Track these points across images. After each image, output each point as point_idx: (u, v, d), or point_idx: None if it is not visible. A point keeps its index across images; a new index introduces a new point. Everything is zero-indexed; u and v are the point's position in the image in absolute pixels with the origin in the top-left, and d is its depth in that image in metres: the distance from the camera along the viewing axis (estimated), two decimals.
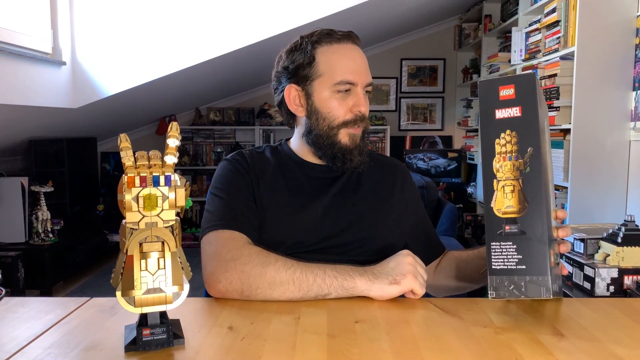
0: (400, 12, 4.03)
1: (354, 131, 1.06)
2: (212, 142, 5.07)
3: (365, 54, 1.12)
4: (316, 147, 1.08)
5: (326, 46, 1.06)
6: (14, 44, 2.63)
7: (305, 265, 0.89)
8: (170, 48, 3.14)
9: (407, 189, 1.17)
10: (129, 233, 0.64)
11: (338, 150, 1.06)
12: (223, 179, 1.07)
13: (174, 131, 0.67)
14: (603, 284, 1.41)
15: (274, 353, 0.67)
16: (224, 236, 0.96)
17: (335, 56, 1.05)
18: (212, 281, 0.90)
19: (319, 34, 1.07)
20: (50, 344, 0.70)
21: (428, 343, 0.71)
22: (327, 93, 1.05)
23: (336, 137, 1.06)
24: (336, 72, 1.04)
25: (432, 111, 5.30)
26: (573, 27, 2.62)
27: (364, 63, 1.08)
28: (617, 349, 0.69)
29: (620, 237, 1.43)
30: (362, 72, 1.06)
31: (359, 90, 1.05)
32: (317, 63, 1.05)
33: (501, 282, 0.77)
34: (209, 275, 0.91)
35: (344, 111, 1.05)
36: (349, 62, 1.05)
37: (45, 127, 3.48)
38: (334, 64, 1.04)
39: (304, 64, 1.06)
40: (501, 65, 3.95)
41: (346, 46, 1.07)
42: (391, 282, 0.87)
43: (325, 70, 1.05)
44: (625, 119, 2.57)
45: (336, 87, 1.04)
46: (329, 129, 1.06)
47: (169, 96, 4.18)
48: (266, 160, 1.11)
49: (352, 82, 1.04)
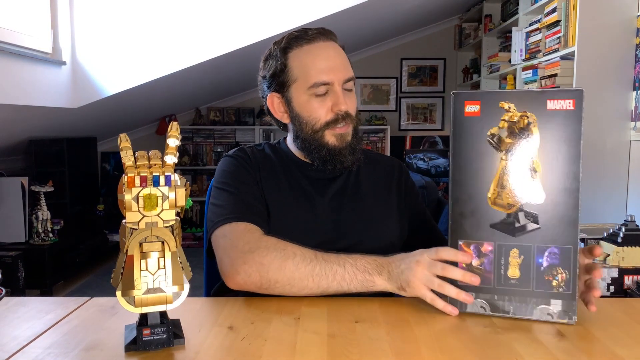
0: (400, 12, 4.03)
1: (340, 130, 1.04)
2: (212, 142, 5.07)
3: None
4: (306, 151, 1.07)
5: (297, 49, 1.04)
6: (14, 44, 2.63)
7: (325, 260, 0.88)
8: (170, 48, 3.13)
9: (405, 186, 1.17)
10: (129, 233, 0.64)
11: (326, 152, 1.04)
12: (229, 173, 1.06)
13: (174, 131, 0.67)
14: (603, 284, 1.41)
15: (274, 353, 0.67)
16: (239, 228, 0.95)
17: (307, 58, 1.03)
18: (231, 273, 0.89)
19: (287, 39, 1.05)
20: (51, 344, 0.70)
21: (428, 343, 0.71)
22: (304, 97, 1.03)
23: (322, 140, 1.04)
24: (309, 75, 1.02)
25: (432, 111, 5.30)
26: (573, 27, 2.62)
27: (339, 59, 1.05)
28: (617, 348, 0.69)
29: (621, 237, 1.43)
30: (337, 69, 1.03)
31: (337, 89, 1.03)
32: (290, 68, 1.03)
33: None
34: (227, 267, 0.90)
35: (325, 112, 1.03)
36: (321, 62, 1.02)
37: (46, 126, 3.48)
38: (307, 67, 1.02)
39: (277, 71, 1.05)
40: (501, 65, 3.95)
41: (318, 45, 1.04)
42: (399, 287, 0.85)
43: (298, 74, 1.03)
44: (625, 118, 2.57)
45: (312, 90, 1.02)
46: (313, 132, 1.04)
47: (169, 96, 4.18)
48: (267, 157, 1.11)
49: (327, 82, 1.02)
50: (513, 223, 0.77)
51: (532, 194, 0.76)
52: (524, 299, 0.78)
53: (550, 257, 0.76)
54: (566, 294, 0.76)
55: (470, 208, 0.79)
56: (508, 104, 0.76)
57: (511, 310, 0.78)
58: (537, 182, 0.76)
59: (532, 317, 0.78)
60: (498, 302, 0.79)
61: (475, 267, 0.80)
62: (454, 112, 0.80)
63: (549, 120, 0.75)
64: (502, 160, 0.77)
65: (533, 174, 0.76)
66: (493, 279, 0.79)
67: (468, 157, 0.79)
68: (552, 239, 0.76)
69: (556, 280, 0.76)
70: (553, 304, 0.76)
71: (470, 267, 0.80)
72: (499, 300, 0.79)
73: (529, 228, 0.77)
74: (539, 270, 0.77)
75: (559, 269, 0.76)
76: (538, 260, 0.77)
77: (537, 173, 0.76)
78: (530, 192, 0.77)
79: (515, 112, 0.76)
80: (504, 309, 0.79)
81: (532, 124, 0.76)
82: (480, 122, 0.78)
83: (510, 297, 0.78)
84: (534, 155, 0.76)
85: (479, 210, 0.79)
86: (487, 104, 0.78)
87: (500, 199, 0.78)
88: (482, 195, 0.78)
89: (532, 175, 0.76)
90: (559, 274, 0.76)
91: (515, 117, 0.76)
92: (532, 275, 0.77)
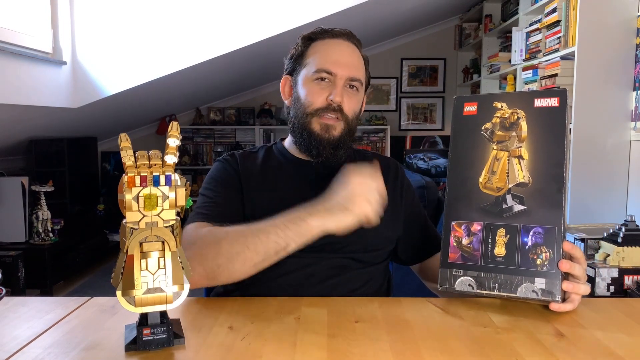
0: (400, 12, 4.03)
1: (326, 121, 1.06)
2: (212, 141, 5.07)
3: (365, 53, 1.12)
4: (294, 135, 1.10)
5: (319, 41, 1.09)
6: (15, 44, 2.63)
7: (256, 228, 0.87)
8: (170, 48, 3.14)
9: (400, 184, 1.17)
10: (129, 233, 0.64)
11: (308, 137, 1.06)
12: (210, 178, 1.10)
13: (174, 131, 0.67)
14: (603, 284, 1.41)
15: (274, 353, 0.67)
16: (189, 229, 0.97)
17: (322, 48, 1.08)
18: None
19: (314, 32, 1.11)
20: (51, 344, 0.70)
21: (428, 343, 0.71)
22: (308, 81, 1.07)
23: (309, 125, 1.06)
24: (318, 61, 1.06)
25: (432, 111, 5.30)
26: (573, 27, 2.62)
27: (351, 58, 1.08)
28: (617, 349, 0.69)
29: (621, 237, 1.43)
30: (345, 65, 1.06)
31: (339, 82, 1.05)
32: (306, 54, 1.09)
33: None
34: None
35: (321, 99, 1.05)
36: (333, 54, 1.07)
37: (46, 126, 3.48)
38: (319, 54, 1.07)
39: (295, 56, 1.11)
40: (501, 65, 3.95)
41: (338, 41, 1.09)
42: (343, 211, 0.83)
43: (310, 60, 1.08)
44: (625, 119, 2.57)
45: (315, 75, 1.06)
46: (304, 115, 1.07)
47: (169, 96, 4.18)
48: (257, 159, 1.13)
49: (331, 71, 1.05)
50: (501, 204, 0.84)
51: (518, 177, 0.85)
52: (509, 277, 0.81)
53: (535, 237, 0.81)
54: (550, 272, 0.79)
55: (464, 192, 0.88)
56: (501, 104, 0.87)
57: (496, 287, 0.82)
58: (523, 168, 0.84)
59: (516, 294, 0.80)
60: (484, 280, 0.83)
61: (464, 245, 0.85)
62: (455, 113, 0.91)
63: (536, 116, 0.84)
64: (494, 150, 0.86)
65: (520, 160, 0.85)
66: (480, 257, 0.84)
67: (464, 148, 0.89)
68: (537, 220, 0.81)
69: (540, 259, 0.80)
70: (537, 282, 0.80)
71: (460, 245, 0.85)
72: (485, 277, 0.83)
73: (515, 209, 0.83)
74: (524, 249, 0.81)
75: (543, 247, 0.80)
76: (523, 239, 0.82)
77: (524, 160, 0.84)
78: (517, 176, 0.85)
79: (507, 110, 0.86)
80: (490, 286, 0.82)
81: (521, 119, 0.85)
82: (476, 120, 0.88)
83: (496, 274, 0.82)
84: (521, 145, 0.85)
85: (471, 193, 0.87)
86: (483, 104, 0.89)
87: (490, 183, 0.86)
88: (474, 180, 0.87)
89: (519, 162, 0.85)
90: (542, 253, 0.80)
91: (506, 113, 0.86)
92: (517, 253, 0.82)
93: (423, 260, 1.15)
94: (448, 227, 0.87)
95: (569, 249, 0.81)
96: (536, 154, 0.83)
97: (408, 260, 1.17)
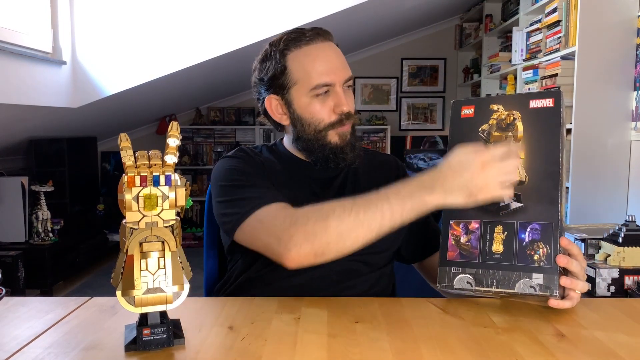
0: (400, 11, 4.03)
1: (342, 130, 1.04)
2: (212, 141, 5.07)
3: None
4: (308, 152, 1.07)
5: (296, 51, 1.02)
6: (14, 44, 2.63)
7: (366, 202, 0.84)
8: (170, 48, 3.13)
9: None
10: (129, 233, 0.64)
11: (329, 151, 1.04)
12: (235, 170, 1.04)
13: (174, 131, 0.67)
14: (604, 284, 1.41)
15: (274, 353, 0.67)
16: (272, 209, 0.92)
17: (306, 60, 1.02)
18: (282, 252, 0.86)
19: (286, 40, 1.04)
20: (51, 344, 0.70)
21: (428, 343, 0.71)
22: (306, 99, 1.03)
23: (325, 139, 1.04)
24: (311, 77, 1.01)
25: (432, 111, 5.30)
26: (574, 27, 2.62)
27: (338, 59, 1.04)
28: (617, 349, 0.69)
29: (621, 237, 1.43)
30: (337, 70, 1.03)
31: (338, 89, 1.02)
32: (289, 71, 1.02)
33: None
34: (277, 248, 0.87)
35: (327, 113, 1.03)
36: (322, 64, 1.02)
37: (46, 126, 3.48)
38: (308, 69, 1.01)
39: (276, 73, 1.03)
40: (502, 65, 3.95)
41: (316, 46, 1.03)
42: (466, 195, 0.80)
43: (299, 76, 1.02)
44: (626, 119, 2.57)
45: (314, 92, 1.01)
46: (316, 132, 1.04)
47: (169, 96, 4.18)
48: (266, 157, 1.11)
49: (329, 83, 1.01)
50: (498, 202, 0.84)
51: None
52: (507, 273, 0.82)
53: (532, 233, 0.81)
54: (547, 268, 0.79)
55: None
56: (497, 106, 0.88)
57: (495, 283, 0.82)
58: (520, 167, 0.84)
59: (514, 290, 0.80)
60: (482, 277, 0.83)
61: (462, 243, 0.86)
62: (453, 117, 0.93)
63: (532, 117, 0.86)
64: None
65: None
66: (479, 254, 0.84)
67: None
68: (534, 216, 0.82)
69: (537, 255, 0.80)
70: (535, 277, 0.80)
71: (459, 243, 0.86)
72: (483, 274, 0.83)
73: (512, 206, 0.84)
74: (521, 245, 0.82)
75: (540, 243, 0.81)
76: (520, 236, 0.82)
77: (520, 160, 0.84)
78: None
79: (503, 111, 0.88)
80: (488, 283, 0.82)
81: (517, 120, 0.86)
82: (473, 122, 0.90)
83: (494, 271, 0.83)
84: (518, 145, 0.86)
85: None
86: (480, 107, 0.90)
87: None
88: None
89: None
90: (540, 249, 0.80)
91: (502, 115, 0.87)
92: (515, 249, 0.82)
93: (426, 258, 1.15)
94: (446, 225, 0.88)
95: (566, 245, 0.81)
96: (532, 152, 0.84)
97: (411, 258, 1.16)
